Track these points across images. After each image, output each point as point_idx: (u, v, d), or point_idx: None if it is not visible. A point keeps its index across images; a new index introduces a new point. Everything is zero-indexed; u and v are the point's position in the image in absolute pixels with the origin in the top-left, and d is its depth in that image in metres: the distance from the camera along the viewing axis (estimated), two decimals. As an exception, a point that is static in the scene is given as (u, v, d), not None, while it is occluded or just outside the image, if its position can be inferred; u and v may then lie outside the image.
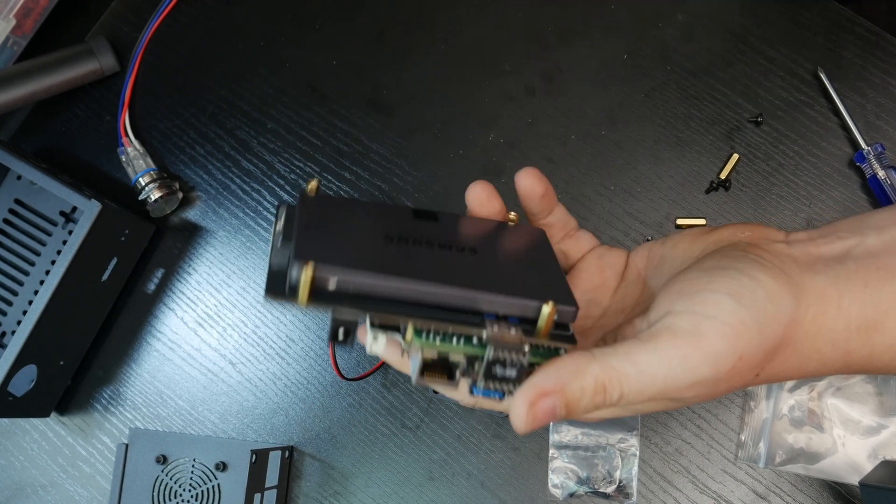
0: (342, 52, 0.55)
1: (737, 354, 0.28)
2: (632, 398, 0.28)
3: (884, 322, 0.29)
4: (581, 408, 0.28)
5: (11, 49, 0.55)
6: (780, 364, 0.29)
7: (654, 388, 0.28)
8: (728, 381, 0.28)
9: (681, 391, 0.28)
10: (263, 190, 0.54)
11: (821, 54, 0.50)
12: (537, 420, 0.28)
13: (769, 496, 0.46)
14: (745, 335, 0.28)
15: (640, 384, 0.28)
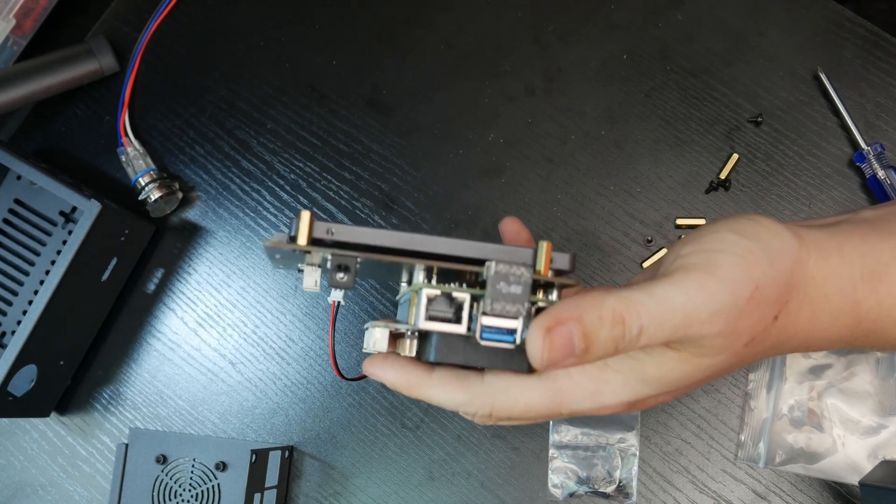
0: (342, 52, 0.55)
1: (752, 283, 0.27)
2: (652, 332, 0.27)
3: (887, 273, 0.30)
4: (601, 340, 0.27)
5: (11, 49, 0.55)
6: (795, 312, 0.29)
7: (673, 318, 0.27)
8: (749, 316, 0.28)
9: (703, 325, 0.27)
10: (263, 190, 0.54)
11: (821, 54, 0.50)
12: (554, 350, 0.27)
13: (769, 496, 0.46)
14: (756, 264, 0.28)
15: (659, 314, 0.27)
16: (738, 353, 0.29)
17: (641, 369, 0.30)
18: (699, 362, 0.29)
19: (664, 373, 0.29)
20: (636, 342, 0.27)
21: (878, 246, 0.30)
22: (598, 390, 0.30)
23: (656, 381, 0.30)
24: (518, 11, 0.54)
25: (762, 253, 0.28)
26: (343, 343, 0.51)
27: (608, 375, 0.30)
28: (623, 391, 0.30)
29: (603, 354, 0.27)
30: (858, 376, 0.45)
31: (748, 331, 0.28)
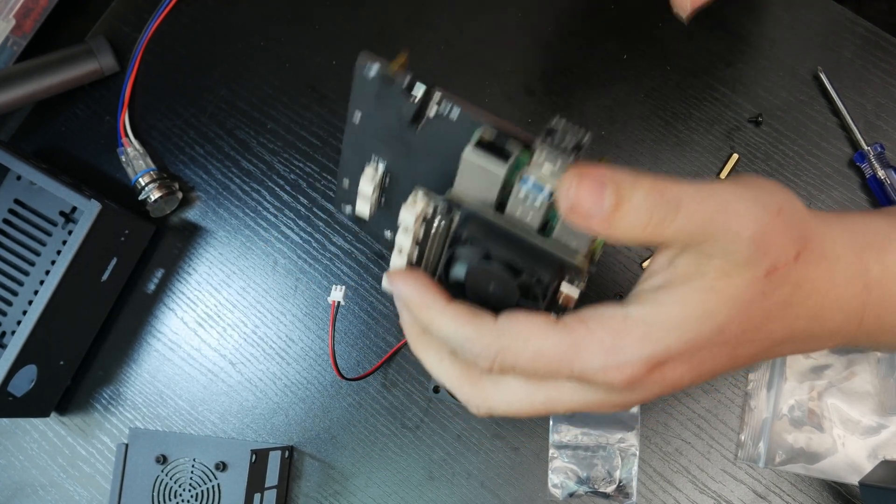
0: (342, 52, 0.55)
1: (778, 202, 0.28)
2: (692, 210, 0.26)
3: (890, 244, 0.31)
4: (634, 202, 0.26)
5: (11, 49, 0.55)
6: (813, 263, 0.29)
7: (711, 201, 0.27)
8: (776, 234, 0.28)
9: (740, 217, 0.27)
10: (263, 190, 0.54)
11: (821, 54, 0.50)
12: (582, 191, 0.26)
13: (769, 496, 0.46)
14: (778, 192, 0.29)
15: (698, 193, 0.27)
16: (759, 284, 0.28)
17: (663, 312, 0.28)
18: (721, 288, 0.28)
19: (687, 309, 0.28)
20: (672, 218, 0.27)
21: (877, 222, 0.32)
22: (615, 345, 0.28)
23: (677, 322, 0.28)
24: (518, 11, 0.54)
25: (780, 188, 0.29)
26: (343, 343, 0.51)
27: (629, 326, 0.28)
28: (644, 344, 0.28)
29: (633, 222, 0.27)
30: (858, 376, 0.45)
31: (775, 254, 0.28)
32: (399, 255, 0.32)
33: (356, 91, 0.34)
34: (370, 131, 0.34)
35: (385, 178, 0.34)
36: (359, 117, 0.34)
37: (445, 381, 0.32)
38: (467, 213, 0.31)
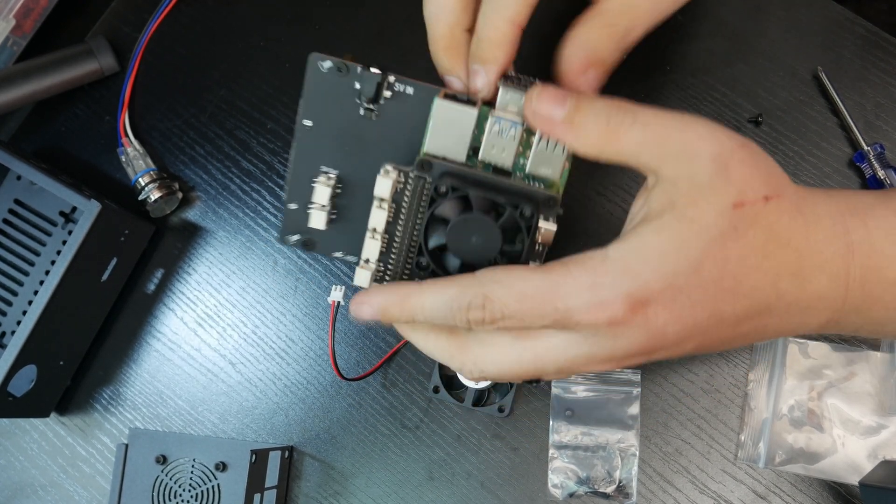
0: (342, 52, 0.55)
1: (741, 141, 0.29)
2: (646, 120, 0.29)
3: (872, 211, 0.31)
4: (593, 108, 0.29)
5: (11, 49, 0.55)
6: (788, 214, 0.29)
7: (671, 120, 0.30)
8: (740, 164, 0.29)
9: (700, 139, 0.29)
10: (263, 190, 0.54)
11: (821, 54, 0.50)
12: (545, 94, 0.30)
13: (769, 496, 0.46)
14: (748, 142, 0.30)
15: (657, 113, 0.29)
16: (728, 215, 0.28)
17: (640, 243, 0.29)
18: (693, 216, 0.28)
19: (661, 239, 0.28)
20: (629, 125, 0.29)
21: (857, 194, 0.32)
22: (596, 282, 0.28)
23: (654, 254, 0.28)
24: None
25: (748, 143, 0.30)
26: (343, 343, 0.51)
27: (608, 265, 0.28)
28: (623, 279, 0.28)
29: (592, 126, 0.29)
30: (858, 376, 0.45)
31: (739, 184, 0.28)
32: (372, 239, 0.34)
33: (308, 91, 0.35)
34: (322, 135, 0.35)
35: (336, 188, 0.35)
36: (310, 123, 0.35)
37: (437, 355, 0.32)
38: (442, 167, 0.32)
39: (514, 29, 0.33)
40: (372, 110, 0.35)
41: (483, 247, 0.32)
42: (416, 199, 0.34)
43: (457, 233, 0.32)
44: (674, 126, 0.29)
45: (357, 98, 0.35)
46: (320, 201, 0.35)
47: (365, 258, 0.34)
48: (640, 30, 0.36)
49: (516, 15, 0.33)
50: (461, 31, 0.34)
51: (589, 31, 0.34)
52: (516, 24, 0.33)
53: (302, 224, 0.36)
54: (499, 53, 0.33)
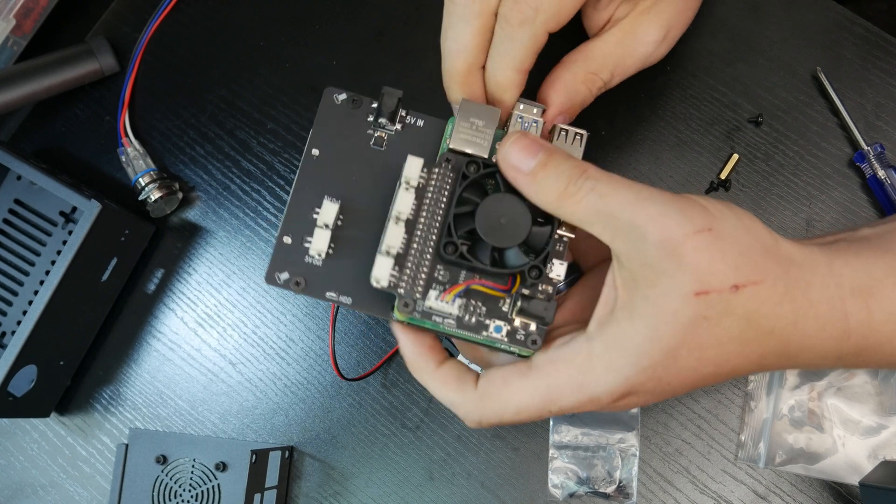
0: (342, 52, 0.55)
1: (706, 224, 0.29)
2: (603, 192, 0.29)
3: (879, 289, 0.29)
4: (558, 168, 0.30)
5: (11, 49, 0.55)
6: (770, 303, 0.29)
7: (626, 196, 0.29)
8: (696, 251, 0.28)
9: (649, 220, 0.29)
10: (263, 190, 0.54)
11: (821, 54, 0.50)
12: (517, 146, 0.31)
13: (769, 496, 0.46)
14: (717, 217, 0.29)
15: (615, 186, 0.29)
16: (691, 303, 0.28)
17: (619, 332, 0.30)
18: (656, 298, 0.29)
19: (636, 327, 0.29)
20: (585, 193, 0.30)
21: (872, 262, 0.30)
22: (584, 382, 0.30)
23: (633, 351, 0.29)
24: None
25: (727, 216, 0.29)
26: (343, 343, 0.51)
27: (593, 363, 0.30)
28: (608, 377, 0.30)
29: (554, 184, 0.30)
30: (858, 376, 0.45)
31: (696, 274, 0.28)
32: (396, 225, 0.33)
33: (319, 122, 0.36)
34: (328, 164, 0.35)
35: (338, 218, 0.34)
36: (317, 153, 0.35)
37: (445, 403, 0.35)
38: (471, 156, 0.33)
39: (520, 74, 0.36)
40: (383, 138, 0.36)
41: (513, 228, 0.32)
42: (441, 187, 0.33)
43: (486, 214, 0.32)
44: (627, 203, 0.29)
45: (369, 126, 0.36)
46: (326, 221, 0.33)
47: (386, 247, 0.32)
48: (619, 80, 0.38)
49: (521, 63, 0.36)
50: (477, 68, 0.37)
51: (572, 78, 0.37)
52: (522, 70, 0.36)
53: (295, 260, 0.34)
54: (508, 96, 0.36)
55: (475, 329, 0.33)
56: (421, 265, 0.33)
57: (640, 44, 0.39)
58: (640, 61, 0.40)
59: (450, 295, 0.32)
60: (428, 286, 0.33)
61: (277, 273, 0.34)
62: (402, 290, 0.32)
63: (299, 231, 0.34)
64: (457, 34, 0.36)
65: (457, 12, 0.36)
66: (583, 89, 0.37)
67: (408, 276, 0.33)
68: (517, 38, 0.35)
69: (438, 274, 0.33)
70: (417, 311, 0.33)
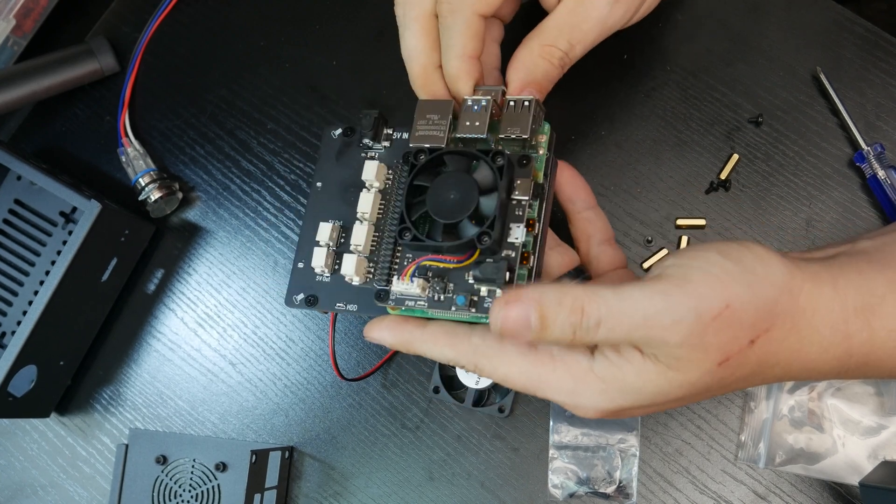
0: (342, 52, 0.55)
1: (723, 301, 0.28)
2: (610, 326, 0.29)
3: (881, 306, 0.30)
4: (557, 323, 0.29)
5: (11, 49, 0.55)
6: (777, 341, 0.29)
7: (633, 317, 0.28)
8: (718, 333, 0.28)
9: (664, 330, 0.28)
10: (263, 190, 0.54)
11: (821, 54, 0.50)
12: (508, 322, 0.29)
13: (769, 496, 0.46)
14: (731, 285, 0.28)
15: (619, 310, 0.28)
16: (713, 372, 0.29)
17: (622, 378, 0.30)
18: (674, 376, 0.29)
19: (642, 384, 0.30)
20: (594, 333, 0.29)
21: (874, 279, 0.30)
22: (575, 390, 0.31)
23: (634, 392, 0.30)
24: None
25: (740, 275, 0.28)
26: (343, 343, 0.51)
27: (590, 379, 0.31)
28: (599, 398, 0.31)
29: (560, 336, 0.29)
30: (858, 376, 0.45)
31: (719, 349, 0.28)
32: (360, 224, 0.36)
33: (321, 159, 0.39)
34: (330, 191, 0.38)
35: (340, 235, 0.37)
36: (320, 185, 0.39)
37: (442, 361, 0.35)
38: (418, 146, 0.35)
39: (465, 62, 0.37)
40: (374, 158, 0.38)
41: (461, 201, 0.33)
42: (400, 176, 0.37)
43: (435, 195, 0.34)
44: (637, 326, 0.29)
45: (361, 150, 0.38)
46: (320, 238, 0.37)
47: (353, 245, 0.36)
48: (582, 48, 0.38)
49: (463, 49, 0.36)
50: (433, 68, 0.38)
51: (527, 54, 0.37)
52: (466, 57, 0.37)
53: (307, 281, 0.37)
54: (460, 85, 0.37)
55: (445, 306, 0.34)
56: (385, 257, 0.35)
57: (592, 7, 0.38)
58: (598, 25, 0.39)
59: (406, 276, 0.34)
60: (391, 274, 0.35)
61: (294, 296, 0.37)
62: (375, 283, 0.35)
63: (307, 254, 0.37)
64: (405, 41, 0.38)
65: (401, 22, 0.38)
66: (541, 63, 0.37)
67: (378, 269, 0.35)
68: (451, 26, 0.36)
69: (405, 261, 0.35)
70: (391, 299, 0.34)
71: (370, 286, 0.35)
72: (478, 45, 0.37)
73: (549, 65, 0.37)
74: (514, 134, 0.34)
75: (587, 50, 0.39)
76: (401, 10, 0.38)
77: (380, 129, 0.38)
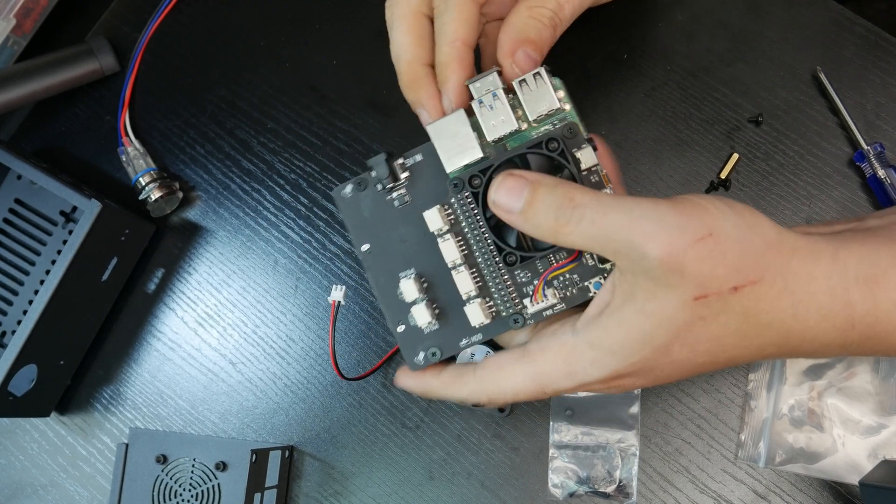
0: (342, 52, 0.55)
1: (706, 228, 0.28)
2: (594, 218, 0.29)
3: (885, 278, 0.29)
4: (544, 203, 0.30)
5: (11, 49, 0.55)
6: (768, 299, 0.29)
7: (619, 217, 0.29)
8: (698, 260, 0.28)
9: (645, 236, 0.28)
10: (263, 190, 0.54)
11: (821, 54, 0.50)
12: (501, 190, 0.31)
13: (769, 496, 0.46)
14: (719, 219, 0.28)
15: (608, 205, 0.29)
16: (690, 307, 0.28)
17: (606, 336, 0.30)
18: (651, 309, 0.29)
19: (625, 333, 0.30)
20: (576, 224, 0.29)
21: (878, 251, 0.30)
22: (571, 370, 0.31)
23: (621, 348, 0.30)
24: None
25: (731, 215, 0.29)
26: (343, 343, 0.51)
27: (579, 352, 0.31)
28: (593, 369, 0.31)
29: (543, 220, 0.30)
30: (858, 376, 0.45)
31: (696, 281, 0.28)
32: (459, 273, 0.35)
33: (347, 221, 0.37)
34: (383, 249, 0.37)
35: (423, 282, 0.36)
36: (367, 247, 0.37)
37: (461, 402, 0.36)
38: (469, 173, 0.34)
39: (458, 48, 0.36)
40: (402, 194, 0.36)
41: None
42: (469, 210, 0.35)
43: None
44: (621, 226, 0.29)
45: (385, 194, 0.37)
46: (411, 297, 0.35)
47: (465, 294, 0.35)
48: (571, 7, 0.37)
49: (455, 35, 0.36)
50: (420, 65, 0.37)
51: (515, 16, 0.36)
52: (458, 44, 0.36)
53: (418, 338, 0.36)
54: (449, 72, 0.36)
55: (582, 296, 0.34)
56: (498, 287, 0.35)
57: None
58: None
59: (539, 294, 0.34)
60: (521, 297, 0.35)
61: (414, 358, 0.36)
62: (504, 313, 0.35)
63: (402, 314, 0.36)
64: (392, 41, 0.38)
65: (389, 24, 0.38)
66: (532, 23, 0.36)
67: (501, 301, 0.35)
68: (443, 13, 0.36)
69: (518, 277, 0.35)
70: (529, 321, 0.34)
71: (500, 319, 0.35)
72: (469, 31, 0.36)
73: (539, 24, 0.36)
74: (544, 111, 0.34)
75: (577, 11, 0.38)
76: (389, 11, 0.38)
77: (393, 167, 0.36)
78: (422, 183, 0.36)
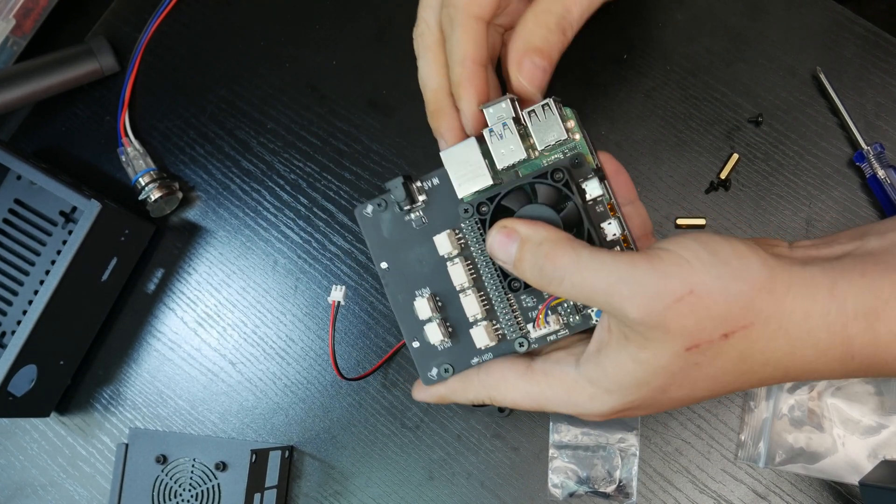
0: (342, 52, 0.55)
1: (686, 286, 0.28)
2: (574, 282, 0.30)
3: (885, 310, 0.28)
4: (528, 263, 0.31)
5: (11, 49, 0.55)
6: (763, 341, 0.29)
7: (597, 280, 0.29)
8: (681, 317, 0.28)
9: (623, 300, 0.28)
10: (263, 190, 0.54)
11: (821, 54, 0.50)
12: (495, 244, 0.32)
13: (769, 496, 0.46)
14: (699, 272, 0.28)
15: (587, 268, 0.30)
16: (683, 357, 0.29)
17: (604, 375, 0.31)
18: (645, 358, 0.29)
19: (622, 375, 0.30)
20: (558, 284, 0.30)
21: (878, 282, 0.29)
22: (571, 400, 0.33)
23: (618, 388, 0.31)
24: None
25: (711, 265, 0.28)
26: (343, 343, 0.51)
27: (579, 387, 0.32)
28: (592, 403, 0.32)
29: (529, 277, 0.31)
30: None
31: (684, 335, 0.28)
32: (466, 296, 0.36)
33: (368, 239, 0.38)
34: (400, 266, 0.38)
35: (437, 301, 0.37)
36: (385, 265, 0.38)
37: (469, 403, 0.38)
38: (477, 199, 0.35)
39: (468, 67, 0.36)
40: (420, 215, 0.37)
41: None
42: (478, 236, 0.36)
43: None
44: (600, 291, 0.29)
45: (403, 215, 0.38)
46: (424, 315, 0.37)
47: (471, 317, 0.36)
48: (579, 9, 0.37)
49: (464, 55, 0.36)
50: (444, 94, 0.38)
51: (521, 25, 0.36)
52: (469, 63, 0.36)
53: (432, 355, 0.37)
54: (462, 91, 0.36)
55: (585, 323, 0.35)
56: (503, 312, 0.36)
57: None
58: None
59: (541, 321, 0.35)
60: (526, 321, 0.36)
61: (428, 374, 0.38)
62: (509, 337, 0.36)
63: (417, 331, 0.38)
64: (419, 71, 0.39)
65: (417, 55, 0.39)
66: (537, 30, 0.36)
67: (506, 326, 0.36)
68: (451, 37, 0.36)
69: (523, 302, 0.36)
70: (533, 345, 0.36)
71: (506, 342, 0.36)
72: (478, 49, 0.36)
73: (545, 30, 0.36)
74: (552, 141, 0.35)
75: (588, 12, 0.37)
76: (416, 42, 0.39)
77: (411, 190, 0.37)
78: (438, 206, 0.37)
